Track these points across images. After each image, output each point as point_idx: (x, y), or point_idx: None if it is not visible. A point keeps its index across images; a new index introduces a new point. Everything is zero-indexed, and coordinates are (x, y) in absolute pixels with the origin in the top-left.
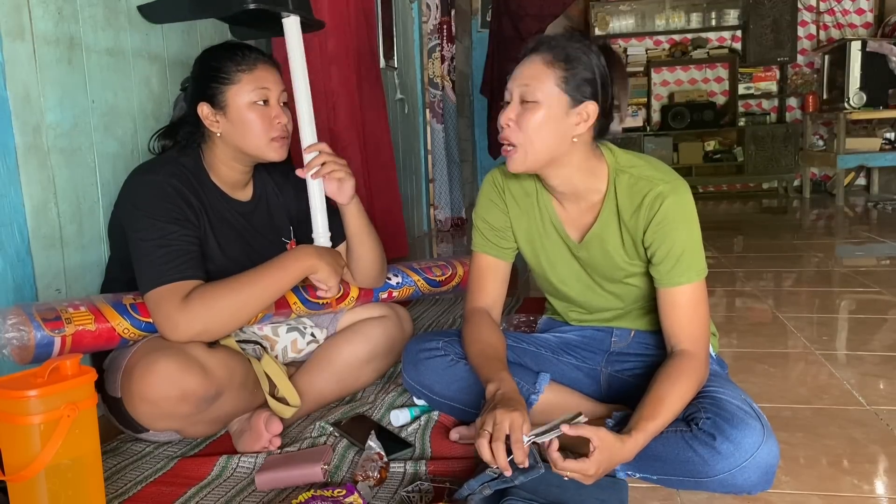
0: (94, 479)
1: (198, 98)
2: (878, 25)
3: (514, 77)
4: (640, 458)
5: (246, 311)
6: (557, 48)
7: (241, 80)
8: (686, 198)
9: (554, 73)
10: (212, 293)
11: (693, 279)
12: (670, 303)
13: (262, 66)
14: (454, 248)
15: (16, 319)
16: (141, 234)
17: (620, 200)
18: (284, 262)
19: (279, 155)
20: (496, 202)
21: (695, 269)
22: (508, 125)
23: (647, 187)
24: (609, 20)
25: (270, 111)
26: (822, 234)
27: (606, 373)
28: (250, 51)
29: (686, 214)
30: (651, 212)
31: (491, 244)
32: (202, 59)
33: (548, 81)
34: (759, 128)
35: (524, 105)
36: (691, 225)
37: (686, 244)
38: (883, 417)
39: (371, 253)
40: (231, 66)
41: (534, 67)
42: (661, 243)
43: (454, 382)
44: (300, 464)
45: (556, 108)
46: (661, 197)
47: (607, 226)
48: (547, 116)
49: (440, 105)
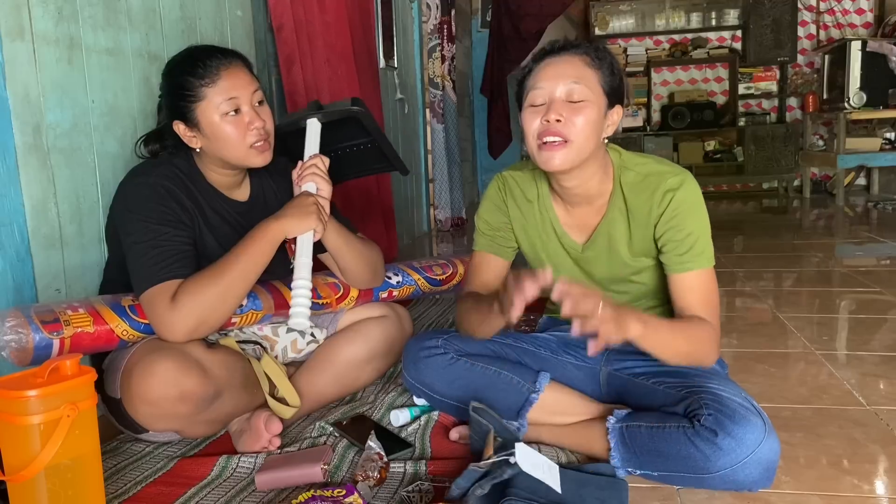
0: (94, 479)
1: (171, 116)
2: (878, 25)
3: (554, 76)
4: (641, 454)
5: (233, 295)
6: (591, 51)
7: (206, 95)
8: (695, 188)
9: (597, 74)
10: (196, 286)
11: (704, 265)
12: (684, 287)
13: (226, 74)
14: (454, 247)
15: (14, 322)
16: (134, 237)
17: (628, 197)
18: (252, 238)
19: (263, 160)
20: (499, 206)
21: (706, 256)
22: (559, 120)
23: (657, 182)
24: (609, 20)
25: (244, 118)
26: (822, 234)
27: (606, 372)
28: (210, 58)
29: (697, 204)
30: (663, 205)
31: (491, 242)
32: (167, 76)
33: (594, 81)
34: (760, 128)
35: (573, 103)
36: (701, 214)
37: (698, 232)
38: (883, 417)
39: (355, 262)
40: (194, 82)
41: (577, 66)
42: (675, 233)
43: (454, 380)
44: (300, 464)
45: (601, 108)
46: (672, 190)
47: (614, 223)
48: (595, 115)
49: (440, 105)
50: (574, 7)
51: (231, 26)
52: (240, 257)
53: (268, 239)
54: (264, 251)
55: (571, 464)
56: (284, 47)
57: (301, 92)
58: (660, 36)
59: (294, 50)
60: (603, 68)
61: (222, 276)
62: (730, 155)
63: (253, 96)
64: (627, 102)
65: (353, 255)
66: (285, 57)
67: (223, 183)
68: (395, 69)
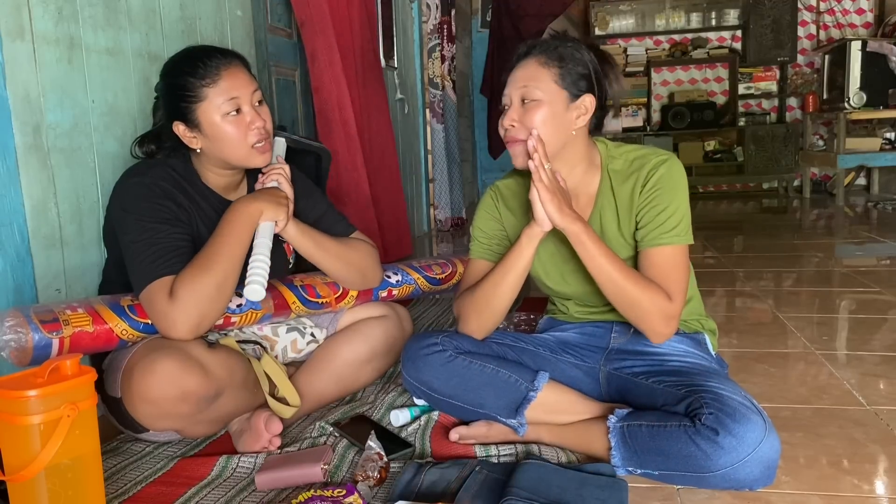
0: (94, 479)
1: (171, 117)
2: (878, 25)
3: (511, 81)
4: (641, 453)
5: (229, 281)
6: (549, 49)
7: (207, 95)
8: (678, 168)
9: (550, 71)
10: (191, 277)
11: (674, 241)
12: (647, 264)
13: (227, 74)
14: (454, 247)
15: (13, 322)
16: (131, 237)
17: (615, 181)
18: (231, 220)
19: (263, 160)
20: (493, 214)
21: (676, 233)
22: (513, 125)
23: (642, 162)
24: (609, 20)
25: (245, 118)
26: (822, 234)
27: (605, 371)
28: (210, 58)
29: (676, 182)
30: (645, 179)
31: (487, 250)
32: (166, 77)
33: (546, 80)
34: (759, 128)
35: (525, 105)
36: (680, 192)
37: (673, 209)
38: (883, 417)
39: (331, 264)
40: (195, 82)
41: (530, 69)
42: (650, 207)
43: (453, 378)
44: (300, 464)
45: (557, 103)
46: (655, 167)
47: (604, 211)
48: (550, 113)
49: (440, 105)
50: (574, 7)
51: (231, 26)
52: (226, 240)
53: (245, 218)
54: (246, 231)
55: (571, 464)
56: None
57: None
58: (660, 36)
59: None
60: (559, 64)
61: (215, 263)
62: (730, 155)
63: (253, 96)
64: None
65: (328, 258)
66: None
67: (220, 184)
68: (395, 69)
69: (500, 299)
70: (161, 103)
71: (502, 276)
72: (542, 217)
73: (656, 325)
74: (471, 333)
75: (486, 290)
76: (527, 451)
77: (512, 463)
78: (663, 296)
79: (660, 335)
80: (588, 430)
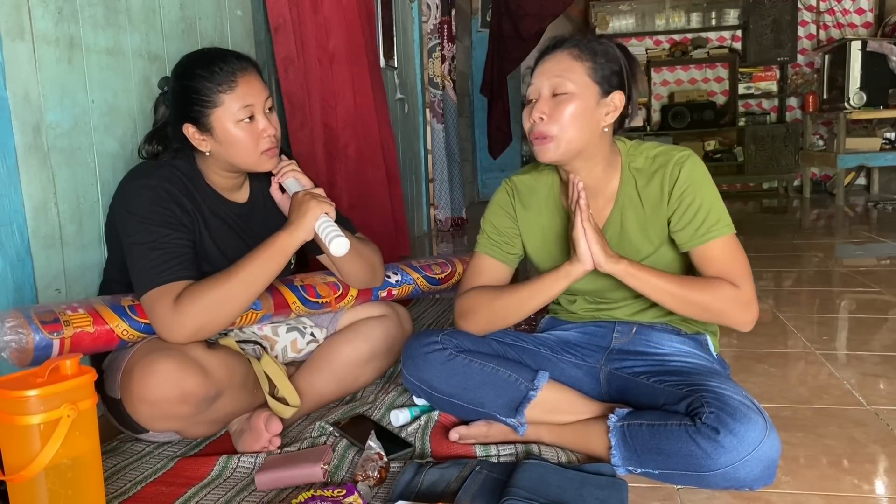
0: (94, 479)
1: (181, 118)
2: (878, 25)
3: (540, 73)
4: (642, 452)
5: (237, 302)
6: (581, 43)
7: (223, 101)
8: (700, 164)
9: (583, 65)
10: (200, 290)
11: (725, 232)
12: (706, 259)
13: (243, 80)
14: (454, 247)
15: (14, 322)
16: (134, 239)
17: (639, 182)
18: (265, 247)
19: (272, 165)
20: (507, 210)
21: (723, 223)
22: (542, 118)
23: (664, 159)
24: (609, 20)
25: (257, 125)
26: (822, 234)
27: (606, 371)
28: (225, 62)
29: (705, 176)
30: (672, 179)
31: (495, 247)
32: (180, 78)
33: (579, 72)
34: (759, 128)
35: (556, 98)
36: (710, 187)
37: (709, 204)
38: (883, 417)
39: (352, 261)
40: (211, 87)
41: (563, 61)
42: (687, 205)
43: (453, 377)
44: (300, 464)
45: (589, 98)
46: (679, 163)
47: (625, 209)
48: (581, 107)
49: (440, 105)
50: (574, 7)
51: (231, 26)
52: (247, 265)
53: (276, 249)
54: (275, 260)
55: (571, 463)
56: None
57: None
58: (660, 36)
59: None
60: (592, 59)
61: (226, 281)
62: (730, 155)
63: (265, 103)
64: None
65: (350, 254)
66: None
67: (224, 185)
68: (395, 69)
69: (516, 316)
70: (171, 104)
71: (529, 297)
72: (585, 256)
73: (736, 316)
74: (472, 332)
75: (506, 304)
76: (527, 451)
77: (512, 463)
78: (729, 286)
79: (745, 323)
80: (588, 429)
